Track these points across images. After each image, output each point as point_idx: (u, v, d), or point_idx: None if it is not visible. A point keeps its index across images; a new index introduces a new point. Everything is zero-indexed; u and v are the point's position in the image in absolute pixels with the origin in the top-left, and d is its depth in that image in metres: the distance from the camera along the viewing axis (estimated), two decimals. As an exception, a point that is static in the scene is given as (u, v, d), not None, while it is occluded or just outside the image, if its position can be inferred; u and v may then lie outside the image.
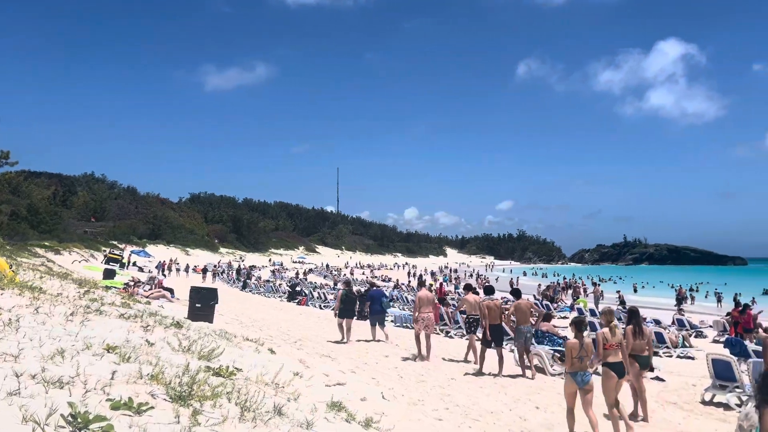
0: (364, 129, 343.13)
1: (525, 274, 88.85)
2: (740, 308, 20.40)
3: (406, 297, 32.10)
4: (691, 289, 49.59)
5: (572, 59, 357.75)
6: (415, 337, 13.02)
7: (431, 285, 38.09)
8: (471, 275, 74.83)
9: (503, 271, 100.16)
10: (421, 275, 55.35)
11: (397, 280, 52.47)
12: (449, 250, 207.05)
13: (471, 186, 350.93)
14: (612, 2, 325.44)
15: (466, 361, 13.01)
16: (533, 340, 12.71)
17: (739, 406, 9.97)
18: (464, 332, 14.04)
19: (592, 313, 25.66)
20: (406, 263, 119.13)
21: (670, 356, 16.73)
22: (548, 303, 30.13)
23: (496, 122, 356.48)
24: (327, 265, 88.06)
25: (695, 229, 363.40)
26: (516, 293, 13.16)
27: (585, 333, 7.56)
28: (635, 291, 53.97)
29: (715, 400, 10.38)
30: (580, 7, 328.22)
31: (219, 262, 71.18)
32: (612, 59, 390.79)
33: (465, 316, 13.49)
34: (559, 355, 12.24)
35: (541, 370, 11.92)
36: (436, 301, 16.32)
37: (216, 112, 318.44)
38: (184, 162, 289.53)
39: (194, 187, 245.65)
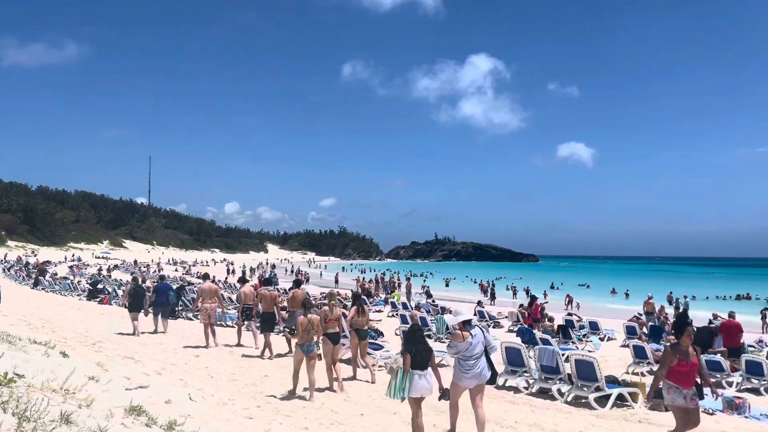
0: (182, 119, 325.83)
1: (344, 269, 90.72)
2: (530, 300, 22.75)
3: (222, 294, 31.02)
4: (488, 284, 54.49)
5: (394, 65, 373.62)
6: (204, 327, 13.68)
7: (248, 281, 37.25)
8: (291, 271, 74.77)
9: (318, 267, 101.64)
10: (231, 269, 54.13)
11: (214, 277, 50.61)
12: (270, 246, 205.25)
13: (295, 182, 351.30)
14: (433, 15, 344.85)
15: (238, 345, 13.87)
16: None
17: (527, 389, 11.14)
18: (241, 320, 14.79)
19: (405, 306, 26.98)
20: (224, 259, 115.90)
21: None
22: (365, 297, 31.06)
23: (320, 120, 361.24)
24: (135, 261, 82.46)
25: (496, 229, 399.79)
26: (296, 283, 14.74)
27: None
28: (447, 285, 57.77)
29: (507, 384, 11.45)
30: (405, 16, 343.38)
31: (5, 257, 63.34)
32: (430, 68, 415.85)
33: (241, 305, 14.43)
34: (288, 330, 13.45)
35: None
36: (221, 294, 16.75)
37: (12, 89, 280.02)
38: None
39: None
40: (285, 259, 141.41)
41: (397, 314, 23.58)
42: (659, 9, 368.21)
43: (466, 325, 7.14)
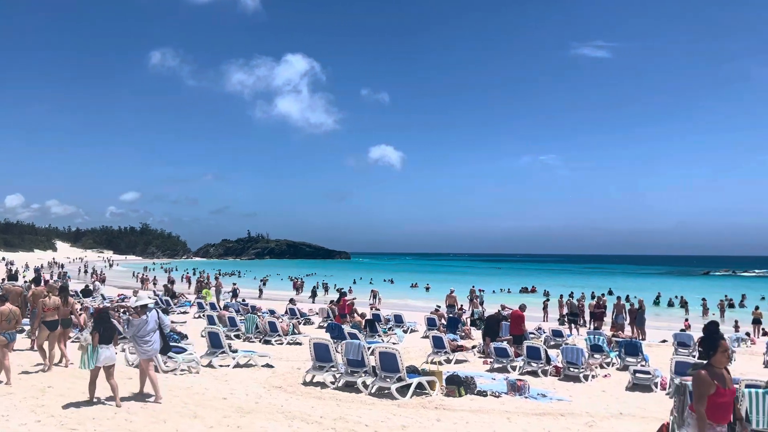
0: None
1: (146, 269, 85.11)
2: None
3: None
4: (297, 279, 55.09)
5: (207, 57, 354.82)
6: None
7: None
8: (85, 271, 68.39)
9: (111, 266, 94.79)
10: None
11: (-11, 278, 44.55)
12: (60, 244, 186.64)
13: (92, 174, 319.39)
14: (251, 12, 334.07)
15: None
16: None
17: (334, 383, 11.35)
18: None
19: (213, 306, 26.06)
20: (3, 258, 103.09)
21: (282, 344, 18.06)
22: (168, 299, 29.47)
23: (122, 107, 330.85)
24: None
25: (311, 226, 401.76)
26: (36, 281, 15.68)
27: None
28: (264, 284, 57.06)
29: (315, 380, 11.57)
30: (221, 9, 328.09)
31: None
32: (246, 63, 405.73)
33: None
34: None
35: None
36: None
37: None
38: None
39: None
40: (78, 258, 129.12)
41: (204, 315, 22.67)
42: (463, 23, 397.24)
43: (143, 308, 8.88)
